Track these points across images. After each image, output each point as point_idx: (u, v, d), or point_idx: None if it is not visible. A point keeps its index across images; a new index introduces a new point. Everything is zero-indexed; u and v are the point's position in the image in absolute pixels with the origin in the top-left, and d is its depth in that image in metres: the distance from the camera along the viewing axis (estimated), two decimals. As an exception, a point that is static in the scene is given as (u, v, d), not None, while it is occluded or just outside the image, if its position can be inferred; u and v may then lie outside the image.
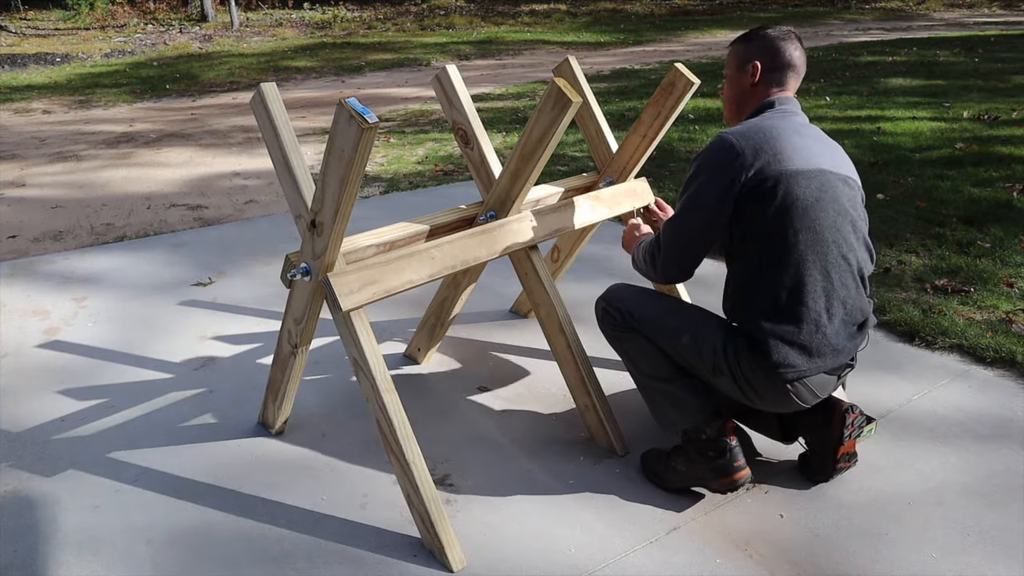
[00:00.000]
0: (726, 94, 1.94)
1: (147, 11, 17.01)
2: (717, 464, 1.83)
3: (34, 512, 1.91)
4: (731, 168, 1.69)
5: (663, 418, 1.92)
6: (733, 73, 1.90)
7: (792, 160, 1.69)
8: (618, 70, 9.23)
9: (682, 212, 1.77)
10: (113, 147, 6.02)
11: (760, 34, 1.85)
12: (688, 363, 1.83)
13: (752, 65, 1.84)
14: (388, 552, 1.76)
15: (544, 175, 4.50)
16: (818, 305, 1.70)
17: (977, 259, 3.27)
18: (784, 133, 1.72)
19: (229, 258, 3.55)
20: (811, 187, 1.68)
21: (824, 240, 1.69)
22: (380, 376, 1.71)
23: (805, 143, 1.73)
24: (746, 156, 1.68)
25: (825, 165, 1.73)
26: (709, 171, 1.72)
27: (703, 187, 1.73)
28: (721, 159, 1.70)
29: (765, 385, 1.73)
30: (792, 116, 1.79)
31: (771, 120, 1.76)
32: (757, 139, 1.70)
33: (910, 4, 18.26)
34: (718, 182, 1.70)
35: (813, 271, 1.69)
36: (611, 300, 1.97)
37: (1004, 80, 7.60)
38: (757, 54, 1.84)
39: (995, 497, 1.89)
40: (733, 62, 1.90)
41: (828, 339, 1.71)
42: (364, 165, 1.49)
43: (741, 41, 1.90)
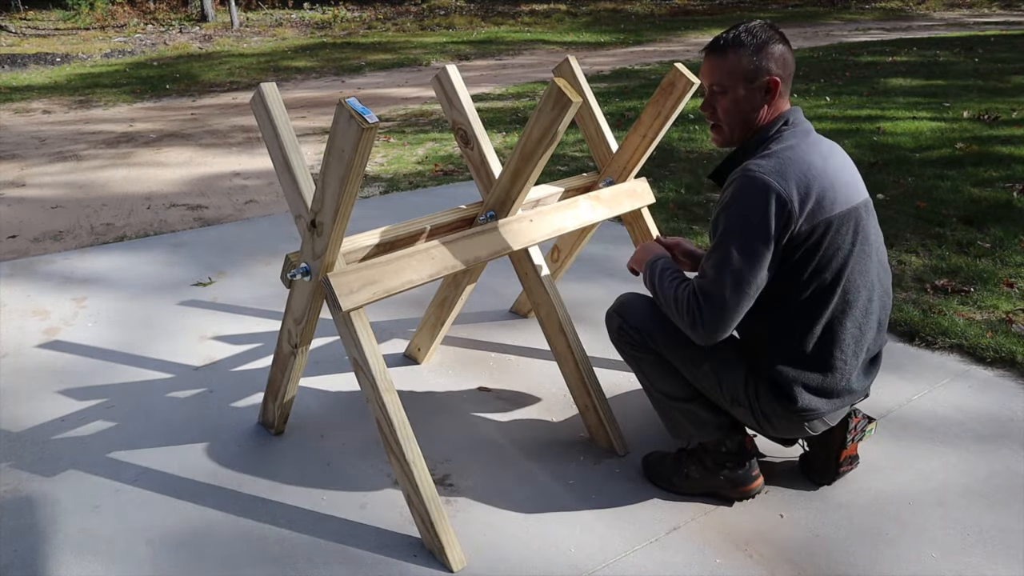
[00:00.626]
0: (729, 114, 1.69)
1: (147, 11, 17.01)
2: (735, 475, 1.84)
3: (34, 512, 1.91)
4: (781, 221, 1.54)
5: (680, 432, 1.90)
6: (739, 90, 1.66)
7: (834, 203, 1.58)
8: (618, 70, 9.23)
9: (734, 274, 1.57)
10: (113, 147, 6.02)
11: (765, 41, 1.64)
12: (706, 390, 1.80)
13: (770, 80, 1.64)
14: (388, 552, 1.76)
15: (544, 175, 4.49)
16: (846, 354, 1.68)
17: (977, 259, 3.27)
18: (818, 164, 1.60)
19: (229, 258, 3.55)
20: (850, 232, 1.61)
21: (858, 288, 1.65)
22: (380, 376, 1.71)
23: (835, 171, 1.62)
24: (795, 206, 1.54)
25: (853, 195, 1.63)
26: (757, 226, 1.55)
27: (752, 245, 1.56)
28: (769, 211, 1.54)
29: (783, 422, 1.73)
30: (810, 134, 1.67)
31: (799, 148, 1.61)
32: (801, 182, 1.56)
33: (910, 4, 18.26)
34: (768, 238, 1.55)
35: (846, 322, 1.66)
36: (627, 317, 1.87)
37: (1004, 80, 7.60)
38: (771, 66, 1.64)
39: (995, 497, 1.89)
40: (737, 76, 1.65)
41: (851, 384, 1.72)
42: (364, 165, 1.49)
43: (742, 50, 1.64)
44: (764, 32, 1.65)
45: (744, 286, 1.58)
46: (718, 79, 1.67)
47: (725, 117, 1.70)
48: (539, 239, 2.09)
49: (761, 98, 1.66)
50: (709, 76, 1.69)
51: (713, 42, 1.70)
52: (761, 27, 1.66)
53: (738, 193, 1.58)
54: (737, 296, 1.59)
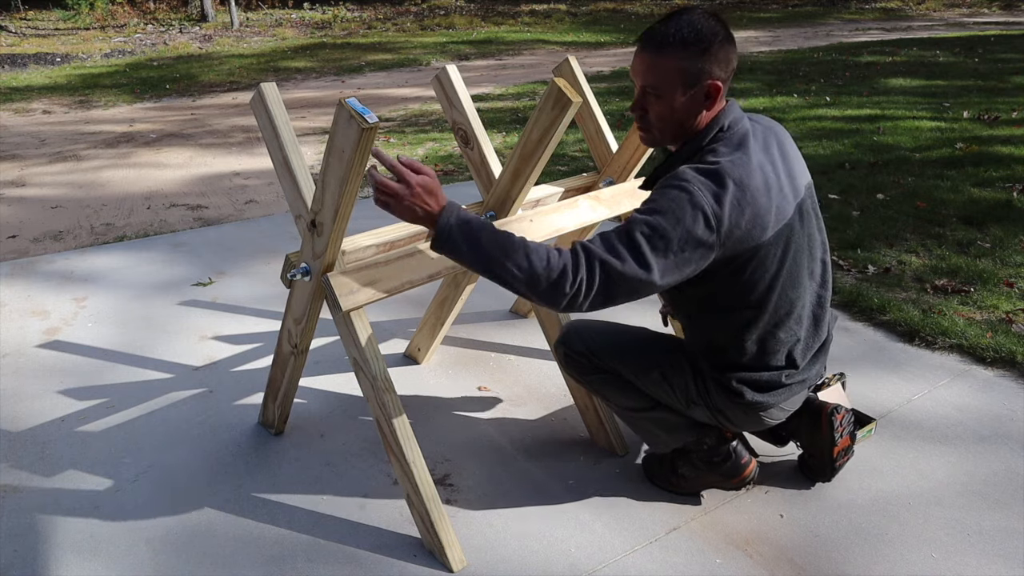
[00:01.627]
0: (662, 119, 1.54)
1: (147, 11, 17.01)
2: (725, 468, 1.84)
3: (34, 512, 1.91)
4: (702, 245, 1.44)
5: (656, 443, 1.89)
6: (676, 95, 1.50)
7: (765, 228, 1.49)
8: (618, 70, 9.23)
9: (634, 272, 1.42)
10: (113, 147, 6.02)
11: (710, 40, 1.47)
12: (660, 396, 1.78)
13: (711, 85, 1.49)
14: (388, 552, 1.76)
15: (544, 175, 4.49)
16: (783, 359, 1.67)
17: (977, 259, 3.27)
18: (754, 183, 1.47)
19: (229, 258, 3.55)
20: (779, 252, 1.54)
21: (790, 300, 1.61)
22: (380, 376, 1.71)
23: (771, 182, 1.52)
24: (721, 234, 1.44)
25: (788, 205, 1.54)
26: (678, 238, 1.42)
27: (667, 252, 1.43)
28: (696, 228, 1.43)
29: (739, 415, 1.72)
30: (745, 140, 1.53)
31: (737, 163, 1.48)
32: (734, 209, 1.44)
33: (910, 4, 18.26)
34: (684, 252, 1.44)
35: (779, 333, 1.63)
36: (570, 343, 1.83)
37: (1004, 80, 7.60)
38: (714, 70, 1.49)
39: (995, 497, 1.89)
40: (676, 80, 1.49)
41: (797, 376, 1.70)
42: (364, 165, 1.49)
43: (684, 51, 1.47)
44: (709, 28, 1.47)
45: (639, 290, 1.44)
46: (653, 81, 1.50)
47: (657, 122, 1.55)
48: (539, 239, 2.09)
49: (700, 103, 1.51)
50: (643, 75, 1.52)
51: (649, 35, 1.50)
52: (706, 21, 1.48)
53: (670, 200, 1.44)
54: (629, 294, 1.45)
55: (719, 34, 1.48)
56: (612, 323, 1.89)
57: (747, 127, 1.56)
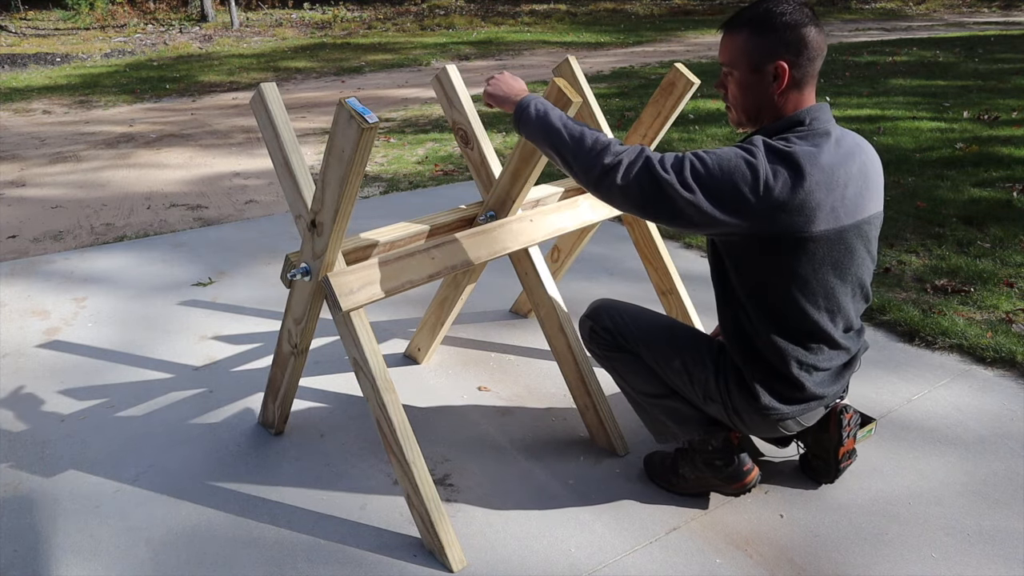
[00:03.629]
0: (736, 97, 1.60)
1: (147, 11, 17.02)
2: (727, 472, 1.83)
3: (34, 512, 1.91)
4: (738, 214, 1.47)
5: (663, 433, 1.90)
6: (746, 75, 1.55)
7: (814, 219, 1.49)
8: (618, 70, 9.23)
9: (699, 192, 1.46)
10: (113, 147, 6.02)
11: (777, 19, 1.50)
12: (678, 386, 1.79)
13: (776, 67, 1.52)
14: (388, 552, 1.76)
15: (544, 175, 4.49)
16: (811, 371, 1.67)
17: (977, 259, 3.27)
18: (816, 182, 1.48)
19: (229, 258, 3.55)
20: (832, 251, 1.54)
21: (831, 307, 1.61)
22: (380, 376, 1.71)
23: (842, 186, 1.52)
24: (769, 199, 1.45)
25: (845, 216, 1.53)
26: (727, 185, 1.45)
27: (711, 188, 1.46)
28: (742, 184, 1.45)
29: (754, 419, 1.72)
30: (827, 137, 1.54)
31: (807, 151, 1.49)
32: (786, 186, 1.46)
33: (910, 4, 18.26)
34: (727, 202, 1.46)
35: (819, 335, 1.64)
36: (598, 319, 1.86)
37: (1004, 80, 7.60)
38: (780, 49, 1.51)
39: (995, 497, 1.89)
40: (745, 58, 1.54)
41: (817, 392, 1.70)
42: (364, 165, 1.49)
43: (750, 30, 1.52)
44: (789, 13, 1.50)
45: (669, 209, 1.47)
46: (728, 58, 1.57)
47: (733, 100, 1.61)
48: (539, 239, 2.09)
49: (768, 84, 1.53)
50: (721, 54, 1.60)
51: (731, 16, 1.58)
52: (784, 6, 1.51)
53: (735, 152, 1.48)
54: (657, 207, 1.49)
55: (798, 19, 1.51)
56: (641, 307, 1.90)
57: (830, 130, 1.56)
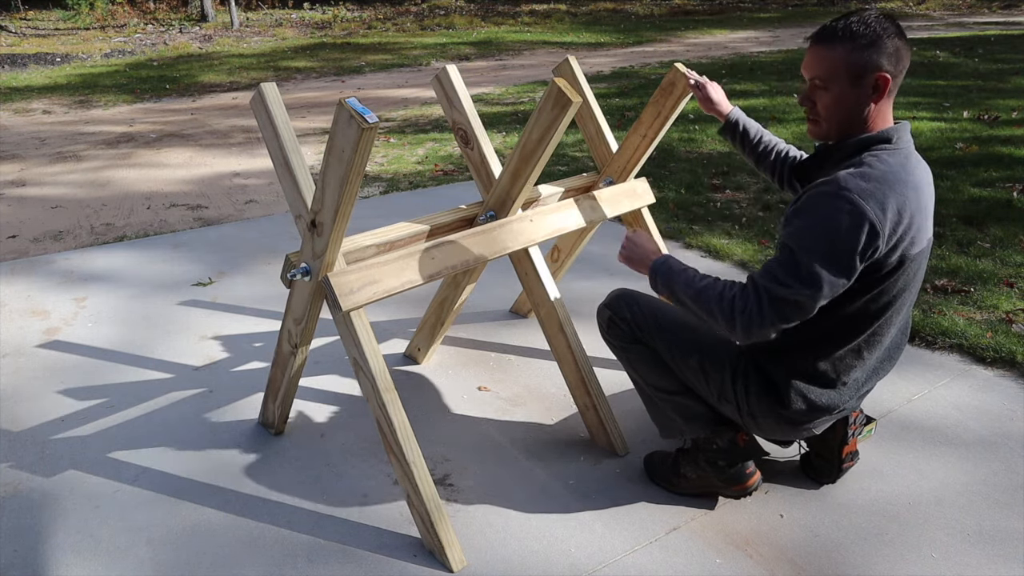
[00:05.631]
0: (830, 110, 1.56)
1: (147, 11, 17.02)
2: (729, 474, 1.83)
3: (34, 512, 1.91)
4: (868, 252, 1.46)
5: (669, 428, 1.90)
6: (844, 87, 1.52)
7: (914, 242, 1.51)
8: (618, 70, 9.23)
9: (805, 291, 1.48)
10: (113, 147, 6.02)
11: (876, 31, 1.49)
12: (692, 384, 1.79)
13: (879, 77, 1.51)
14: (388, 552, 1.76)
15: (544, 175, 4.50)
16: (856, 382, 1.69)
17: (977, 259, 3.27)
18: (912, 198, 1.49)
19: (229, 258, 3.55)
20: (912, 272, 1.56)
21: (892, 324, 1.63)
22: (380, 376, 1.71)
23: (924, 206, 1.53)
24: (884, 239, 1.46)
25: (928, 233, 1.57)
26: (843, 252, 1.45)
27: (834, 268, 1.46)
28: (859, 237, 1.44)
29: (769, 423, 1.73)
30: (910, 157, 1.55)
31: (898, 174, 1.50)
32: (895, 214, 1.46)
33: (910, 4, 18.26)
34: (851, 267, 1.47)
35: (866, 354, 1.65)
36: (617, 310, 1.87)
37: (1004, 80, 7.60)
38: (883, 62, 1.50)
39: (995, 497, 1.89)
40: (843, 72, 1.51)
41: (847, 404, 1.71)
42: (364, 165, 1.49)
43: (853, 42, 1.50)
44: (879, 24, 1.51)
45: (813, 306, 1.50)
46: (822, 72, 1.54)
47: (825, 113, 1.57)
48: (539, 239, 2.09)
49: (868, 96, 1.53)
50: (812, 68, 1.56)
51: (821, 30, 1.55)
52: (876, 18, 1.51)
53: (830, 210, 1.46)
54: (804, 312, 1.51)
55: (889, 29, 1.51)
56: (662, 301, 1.89)
57: (911, 150, 1.58)
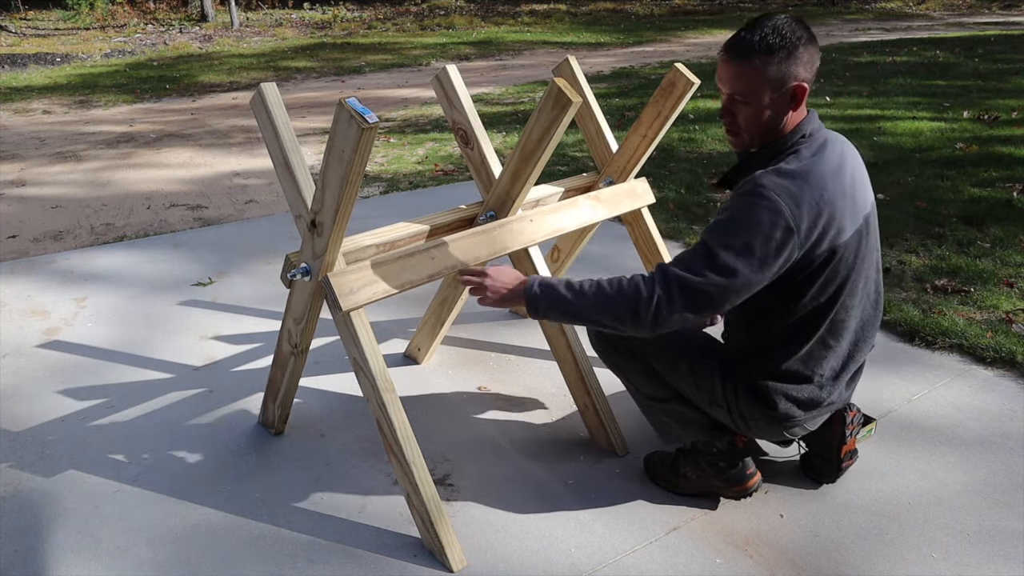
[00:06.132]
0: (750, 122, 1.57)
1: (147, 11, 17.02)
2: (729, 474, 1.83)
3: (34, 512, 1.91)
4: (785, 250, 1.47)
5: (668, 435, 1.90)
6: (764, 100, 1.53)
7: (842, 230, 1.53)
8: (618, 70, 9.23)
9: (721, 285, 1.48)
10: (113, 147, 6.02)
11: (788, 40, 1.49)
12: (684, 391, 1.80)
13: (797, 87, 1.52)
14: (388, 552, 1.76)
15: (544, 175, 4.49)
16: (832, 374, 1.69)
17: (977, 259, 3.27)
18: (831, 187, 1.51)
19: (229, 258, 3.55)
20: (851, 257, 1.57)
21: (849, 309, 1.63)
22: (380, 376, 1.71)
23: (847, 189, 1.55)
24: (802, 236, 1.47)
25: (860, 211, 1.57)
26: (759, 248, 1.46)
27: (749, 264, 1.47)
28: (774, 234, 1.46)
29: (761, 425, 1.74)
30: (825, 146, 1.57)
31: (816, 167, 1.52)
32: (812, 209, 1.48)
33: (910, 4, 18.26)
34: (766, 263, 1.47)
35: (833, 344, 1.66)
36: None
37: (1004, 80, 7.60)
38: (799, 71, 1.52)
39: (995, 497, 1.89)
40: (764, 85, 1.52)
41: (832, 398, 1.72)
42: (364, 165, 1.49)
43: (770, 56, 1.49)
44: (793, 33, 1.50)
45: (724, 300, 1.50)
46: (741, 88, 1.53)
47: (746, 125, 1.58)
48: (539, 239, 2.09)
49: (786, 105, 1.54)
50: (731, 83, 1.55)
51: (735, 44, 1.52)
52: (789, 26, 1.50)
53: (747, 207, 1.48)
54: (715, 305, 1.50)
55: (802, 37, 1.51)
56: None
57: (827, 136, 1.61)
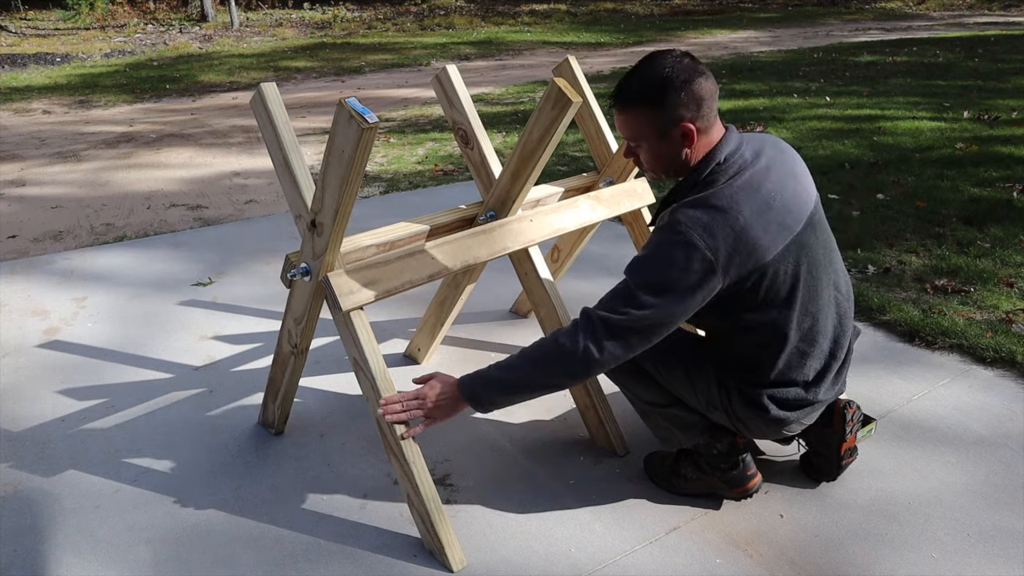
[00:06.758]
0: (652, 163, 1.63)
1: (147, 11, 17.02)
2: (730, 476, 1.83)
3: (34, 512, 1.91)
4: (705, 280, 1.50)
5: (669, 440, 1.90)
6: (654, 145, 1.59)
7: (768, 248, 1.52)
8: (618, 70, 9.23)
9: (643, 319, 1.51)
10: (113, 147, 6.02)
11: (667, 84, 1.52)
12: (681, 395, 1.80)
13: (683, 128, 1.55)
14: (388, 552, 1.76)
15: (544, 175, 4.49)
16: (816, 371, 1.70)
17: (977, 259, 3.27)
18: (751, 209, 1.51)
19: (229, 258, 3.55)
20: (791, 267, 1.56)
21: (811, 314, 1.64)
22: (380, 376, 1.71)
23: (772, 206, 1.54)
24: (719, 265, 1.49)
25: (794, 222, 1.56)
26: (676, 281, 1.49)
27: (668, 297, 1.50)
28: (691, 267, 1.48)
29: (760, 426, 1.75)
30: (746, 167, 1.56)
31: (729, 190, 1.53)
32: (727, 237, 1.49)
33: (910, 4, 18.26)
34: (685, 295, 1.50)
35: (806, 349, 1.66)
36: None
37: (1004, 80, 7.60)
38: (681, 113, 1.54)
39: (995, 497, 1.89)
40: (648, 129, 1.57)
41: (822, 392, 1.73)
42: (364, 165, 1.49)
43: (645, 103, 1.54)
44: (665, 77, 1.52)
45: (651, 333, 1.53)
46: (629, 134, 1.62)
47: (648, 165, 1.65)
48: (539, 239, 2.09)
49: (679, 145, 1.58)
50: (621, 130, 1.64)
51: (617, 92, 1.59)
52: (663, 69, 1.53)
53: (663, 243, 1.52)
54: (643, 339, 1.54)
55: (678, 77, 1.52)
56: None
57: (745, 157, 1.59)
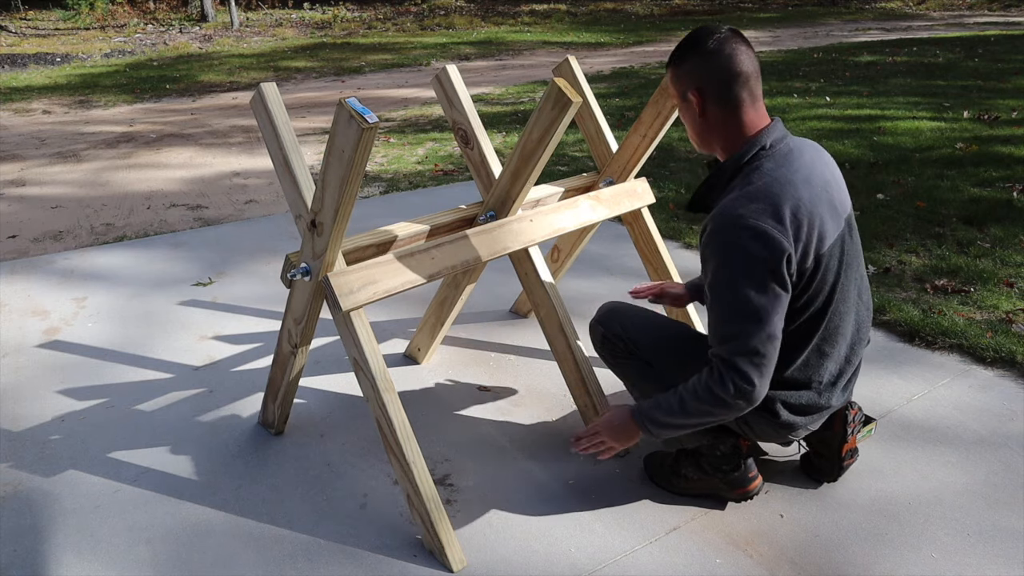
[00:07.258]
0: (687, 128, 1.68)
1: (147, 11, 17.02)
2: (732, 477, 1.83)
3: (34, 512, 1.91)
4: (784, 261, 1.46)
5: (673, 441, 1.90)
6: (679, 105, 1.64)
7: (824, 236, 1.52)
8: (618, 70, 9.23)
9: (757, 322, 1.49)
10: (113, 147, 6.02)
11: (690, 49, 1.55)
12: None
13: (692, 95, 1.58)
14: (388, 552, 1.76)
15: (544, 175, 4.50)
16: (829, 379, 1.70)
17: (977, 259, 3.27)
18: (805, 196, 1.50)
19: (229, 258, 3.55)
20: (836, 262, 1.57)
21: (841, 315, 1.63)
22: (380, 376, 1.71)
23: (821, 197, 1.54)
24: (791, 245, 1.47)
25: (840, 217, 1.57)
26: (763, 270, 1.46)
27: (765, 288, 1.47)
28: (770, 253, 1.46)
29: (767, 430, 1.75)
30: (789, 157, 1.56)
31: (784, 179, 1.51)
32: (794, 220, 1.47)
33: (910, 4, 18.26)
34: (779, 279, 1.48)
35: (828, 350, 1.66)
36: (609, 325, 1.89)
37: (1004, 80, 7.60)
38: (690, 81, 1.57)
39: (995, 497, 1.89)
40: (674, 90, 1.63)
41: (831, 402, 1.73)
42: (364, 165, 1.49)
43: (672, 67, 1.60)
44: (694, 40, 1.55)
45: (770, 331, 1.50)
46: (671, 94, 1.67)
47: (688, 132, 1.69)
48: (539, 239, 2.09)
49: (694, 112, 1.60)
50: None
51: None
52: (695, 35, 1.56)
53: (731, 245, 1.48)
54: (767, 343, 1.51)
55: (708, 48, 1.54)
56: (653, 312, 1.91)
57: (792, 144, 1.60)
